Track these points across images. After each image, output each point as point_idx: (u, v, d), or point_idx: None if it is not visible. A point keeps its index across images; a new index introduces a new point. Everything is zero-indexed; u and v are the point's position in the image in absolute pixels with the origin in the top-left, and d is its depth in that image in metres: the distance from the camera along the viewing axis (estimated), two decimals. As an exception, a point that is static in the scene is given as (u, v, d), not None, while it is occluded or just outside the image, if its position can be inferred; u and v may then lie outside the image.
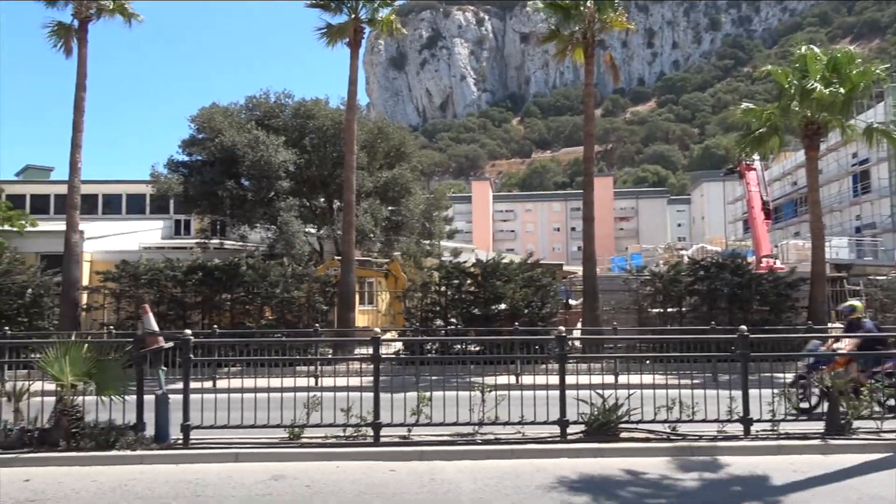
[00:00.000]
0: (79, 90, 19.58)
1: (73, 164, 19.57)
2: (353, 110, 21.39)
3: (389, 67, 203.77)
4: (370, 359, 9.13)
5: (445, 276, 20.20)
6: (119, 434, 8.61)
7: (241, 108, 27.51)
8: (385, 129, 27.88)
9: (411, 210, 26.84)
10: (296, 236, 23.79)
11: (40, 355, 8.78)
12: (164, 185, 26.56)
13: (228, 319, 19.97)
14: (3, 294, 18.90)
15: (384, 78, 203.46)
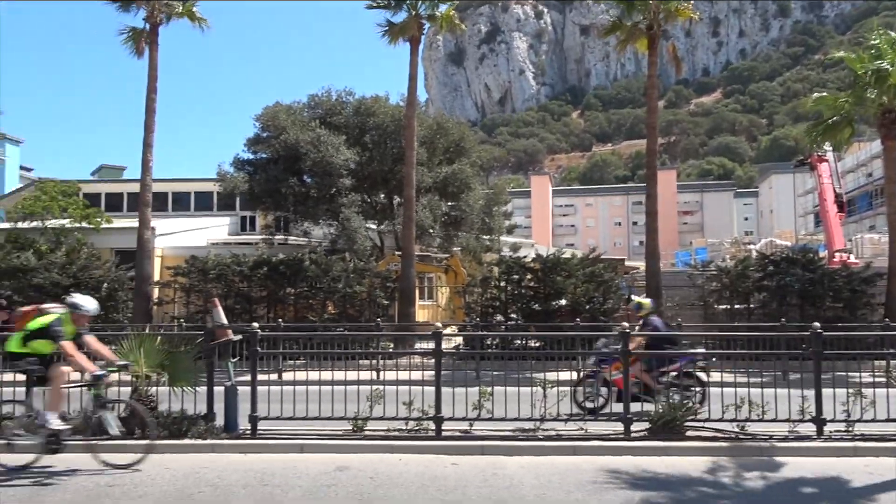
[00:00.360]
0: (150, 92, 20.29)
1: (144, 164, 20.31)
2: (413, 107, 21.52)
3: (448, 63, 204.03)
4: (432, 353, 9.18)
5: (505, 271, 20.16)
6: (191, 424, 8.91)
7: (303, 106, 28.01)
8: (444, 125, 27.95)
9: (470, 205, 26.84)
10: (357, 232, 24.11)
11: (116, 347, 9.15)
12: (231, 182, 27.27)
13: (292, 313, 20.42)
14: (82, 288, 19.76)
15: (443, 73, 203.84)
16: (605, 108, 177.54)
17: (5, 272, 19.71)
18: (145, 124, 20.25)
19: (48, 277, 19.51)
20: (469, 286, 21.07)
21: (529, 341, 17.65)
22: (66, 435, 7.65)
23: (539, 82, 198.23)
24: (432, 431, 8.79)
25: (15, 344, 7.86)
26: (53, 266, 19.95)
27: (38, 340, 7.73)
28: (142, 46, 20.53)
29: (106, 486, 7.07)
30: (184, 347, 9.28)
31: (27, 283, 19.52)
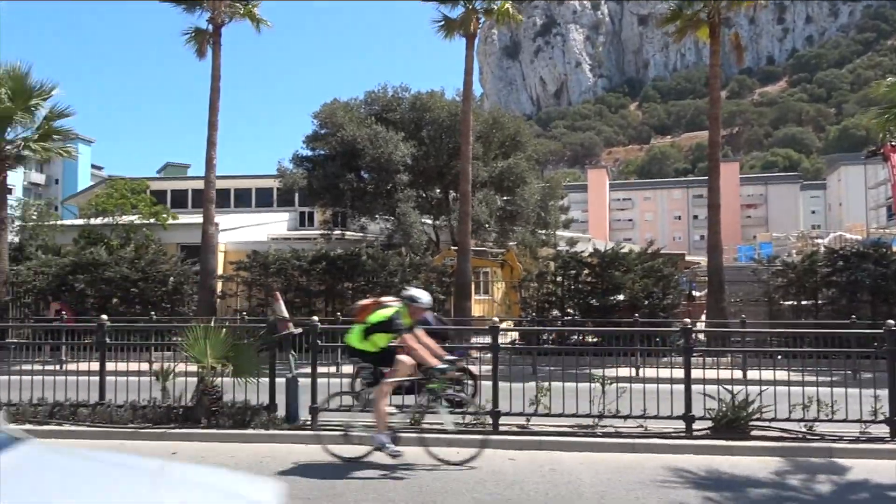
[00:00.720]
0: (213, 91, 20.82)
1: (208, 161, 20.86)
2: (468, 101, 21.51)
3: (503, 56, 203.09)
4: (489, 348, 9.18)
5: (562, 265, 19.98)
6: (253, 414, 9.15)
7: (360, 102, 28.31)
8: (500, 119, 27.85)
9: (526, 200, 26.69)
10: (413, 227, 24.28)
11: (183, 338, 9.46)
12: (290, 179, 27.79)
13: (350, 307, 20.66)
14: (149, 282, 20.51)
15: (498, 67, 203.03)
16: (664, 100, 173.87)
17: (79, 266, 20.56)
18: (209, 123, 20.78)
19: (118, 271, 20.27)
20: (525, 281, 20.96)
21: (586, 337, 17.46)
22: (399, 428, 7.83)
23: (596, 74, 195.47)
24: (489, 426, 8.79)
25: (356, 338, 7.89)
26: (123, 260, 20.70)
27: (378, 334, 7.74)
28: (205, 47, 21.07)
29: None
30: (247, 340, 9.52)
31: (99, 276, 20.31)
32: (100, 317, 10.27)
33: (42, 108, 20.06)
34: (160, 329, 13.33)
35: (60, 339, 14.20)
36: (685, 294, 21.85)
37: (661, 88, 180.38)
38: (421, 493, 6.62)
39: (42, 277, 20.89)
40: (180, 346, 9.50)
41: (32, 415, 9.48)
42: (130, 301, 20.28)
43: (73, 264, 20.68)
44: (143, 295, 20.32)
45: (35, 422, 9.37)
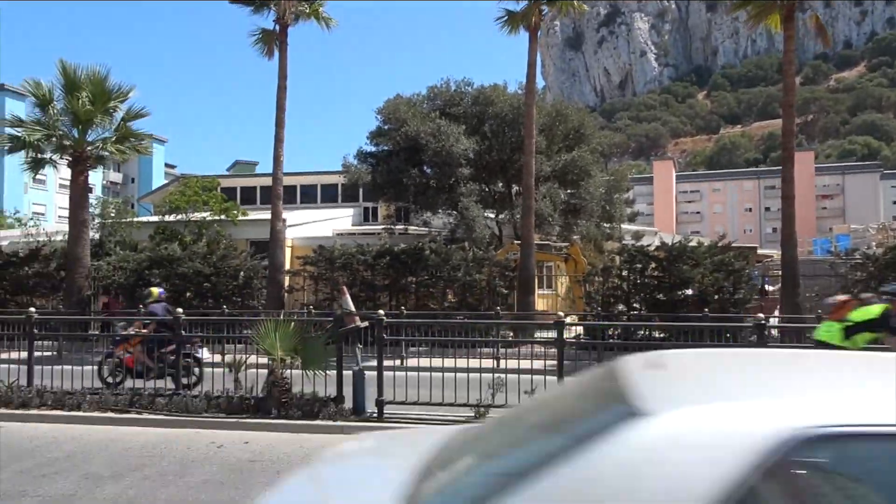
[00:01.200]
0: (280, 90, 21.27)
1: (276, 158, 21.35)
2: (532, 94, 21.34)
3: (566, 48, 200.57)
4: (554, 343, 9.12)
5: (627, 259, 19.63)
6: (321, 405, 9.34)
7: (423, 98, 28.42)
8: (563, 112, 27.51)
9: (591, 193, 26.30)
10: (476, 221, 24.25)
11: (254, 331, 9.73)
12: (354, 174, 28.16)
13: (414, 301, 20.87)
14: (221, 276, 21.17)
15: (560, 59, 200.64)
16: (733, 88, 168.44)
17: (155, 261, 21.39)
18: (276, 121, 21.26)
19: (191, 266, 20.99)
20: (589, 275, 20.68)
21: (653, 332, 17.12)
22: None
23: (661, 63, 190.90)
24: (555, 421, 8.72)
25: (836, 336, 7.58)
26: (196, 256, 21.42)
27: (864, 333, 7.45)
28: (272, 47, 21.56)
29: (247, 461, 7.54)
30: (314, 333, 9.72)
31: (173, 271, 21.09)
32: (176, 310, 10.66)
33: (120, 110, 20.96)
34: (232, 322, 13.75)
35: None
36: (757, 289, 21.16)
37: (730, 76, 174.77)
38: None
39: (121, 272, 21.82)
40: (251, 338, 9.78)
41: (114, 403, 9.93)
42: (203, 295, 20.97)
43: (150, 259, 21.54)
44: (215, 289, 20.98)
45: (116, 409, 9.82)
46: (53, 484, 6.74)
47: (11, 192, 58.81)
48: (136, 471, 7.21)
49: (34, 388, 10.41)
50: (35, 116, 20.85)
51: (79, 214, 20.92)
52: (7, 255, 23.53)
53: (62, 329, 14.28)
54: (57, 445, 8.35)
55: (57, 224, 44.85)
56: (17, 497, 6.33)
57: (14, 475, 7.07)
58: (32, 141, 20.11)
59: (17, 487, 6.63)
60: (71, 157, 20.82)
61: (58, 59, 21.24)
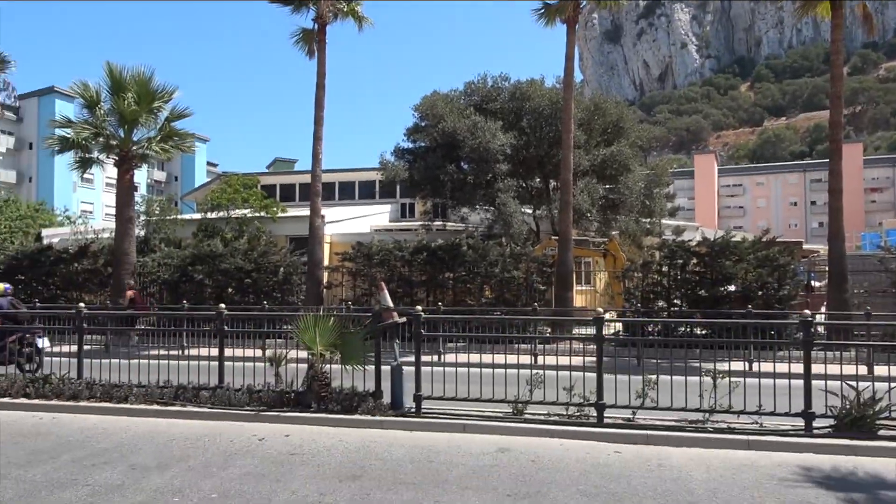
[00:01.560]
0: (318, 88, 21.48)
1: (315, 156, 21.57)
2: (570, 88, 21.15)
3: (604, 41, 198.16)
4: (593, 339, 9.04)
5: (668, 255, 19.35)
6: (360, 400, 9.43)
7: (460, 94, 28.41)
8: (601, 106, 27.24)
9: (630, 188, 25.99)
10: (513, 217, 24.18)
11: (293, 327, 9.86)
12: (392, 171, 28.29)
13: (451, 297, 20.92)
14: (262, 272, 21.50)
15: (598, 52, 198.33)
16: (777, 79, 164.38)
17: (198, 257, 21.82)
18: (315, 118, 21.47)
19: (233, 262, 21.36)
20: (629, 271, 20.46)
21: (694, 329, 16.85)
22: None
23: (703, 55, 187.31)
24: (593, 418, 8.68)
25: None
26: (237, 252, 21.80)
27: None
28: (312, 46, 21.76)
29: (288, 454, 7.66)
30: (353, 329, 9.80)
31: (216, 267, 21.50)
32: (218, 305, 10.85)
33: (164, 110, 21.41)
34: (272, 317, 13.94)
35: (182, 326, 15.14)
36: (803, 285, 20.67)
37: (774, 67, 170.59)
38: (525, 482, 6.62)
39: (165, 268, 22.33)
40: (291, 333, 9.91)
41: (159, 396, 10.17)
42: (244, 291, 21.33)
43: (193, 256, 21.98)
44: (255, 285, 21.32)
45: (161, 402, 10.06)
46: (102, 473, 6.94)
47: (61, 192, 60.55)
48: (181, 462, 7.38)
49: (84, 381, 10.72)
50: (83, 117, 21.43)
51: (125, 212, 21.45)
52: (58, 252, 24.32)
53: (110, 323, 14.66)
54: (105, 436, 8.59)
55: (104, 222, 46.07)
56: (69, 485, 6.54)
57: (66, 464, 7.30)
58: (80, 141, 20.68)
59: (69, 476, 6.85)
60: (117, 156, 21.35)
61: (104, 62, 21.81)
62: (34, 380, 10.83)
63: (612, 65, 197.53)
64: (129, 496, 6.21)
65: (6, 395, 10.67)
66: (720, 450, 7.83)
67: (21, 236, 33.36)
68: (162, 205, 30.34)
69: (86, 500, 6.11)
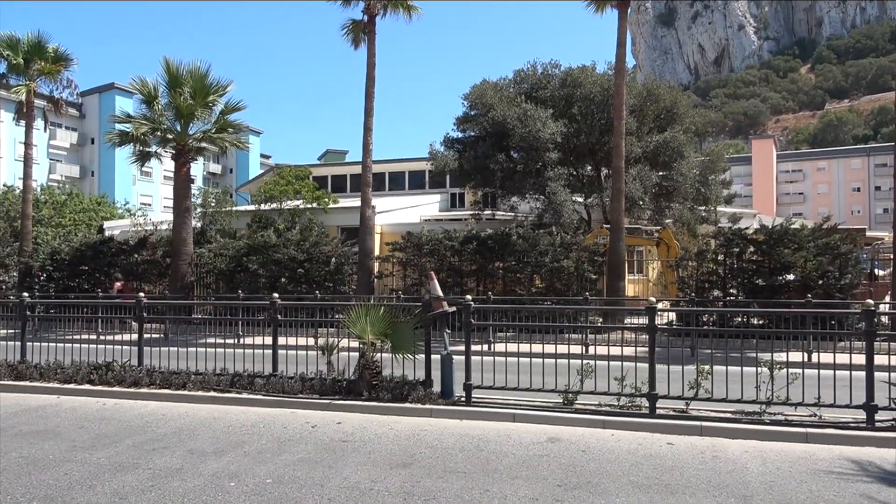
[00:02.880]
0: (368, 79, 21.64)
1: (365, 146, 21.78)
2: (621, 74, 20.80)
3: (657, 25, 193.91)
4: (645, 329, 8.92)
5: (724, 243, 18.94)
6: (410, 389, 9.52)
7: (509, 82, 28.21)
8: (654, 91, 26.68)
9: (684, 174, 25.43)
10: (564, 205, 23.95)
11: (345, 316, 10.00)
12: (441, 161, 28.32)
13: (500, 287, 20.89)
14: (314, 262, 21.84)
15: (651, 37, 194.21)
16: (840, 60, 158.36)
17: (252, 248, 22.29)
18: (365, 109, 21.66)
19: (286, 253, 21.75)
20: (683, 260, 20.09)
21: (751, 319, 16.47)
22: None
23: (761, 37, 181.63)
24: (645, 409, 8.57)
25: None
26: (290, 243, 22.18)
27: None
28: (360, 37, 21.93)
29: (340, 441, 7.79)
30: (403, 318, 9.89)
31: (269, 258, 21.93)
32: (272, 295, 11.08)
33: (218, 103, 21.93)
34: (324, 307, 14.17)
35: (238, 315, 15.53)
36: (866, 273, 19.95)
37: (837, 48, 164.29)
38: (575, 472, 6.59)
39: (221, 259, 22.88)
40: (343, 323, 10.05)
41: (216, 383, 10.46)
42: (297, 280, 21.71)
43: (247, 247, 22.46)
44: (308, 275, 21.68)
45: (218, 389, 10.34)
46: (162, 458, 7.19)
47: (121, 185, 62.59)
48: (237, 448, 7.58)
49: (144, 368, 11.11)
50: (141, 112, 22.10)
51: (182, 204, 22.08)
52: (118, 244, 25.21)
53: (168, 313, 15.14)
54: (165, 422, 8.89)
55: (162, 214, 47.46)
56: (131, 468, 6.79)
57: (128, 448, 7.58)
58: (139, 135, 21.36)
59: (131, 460, 7.11)
60: (174, 149, 21.97)
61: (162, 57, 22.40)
62: (97, 367, 11.26)
63: (665, 49, 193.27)
64: (187, 480, 6.42)
65: (72, 382, 11.14)
66: (777, 442, 7.65)
67: (84, 228, 34.69)
68: (217, 197, 31.06)
69: (146, 483, 6.33)
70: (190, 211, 22.99)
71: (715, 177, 28.60)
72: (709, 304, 18.22)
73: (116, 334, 13.52)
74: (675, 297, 19.55)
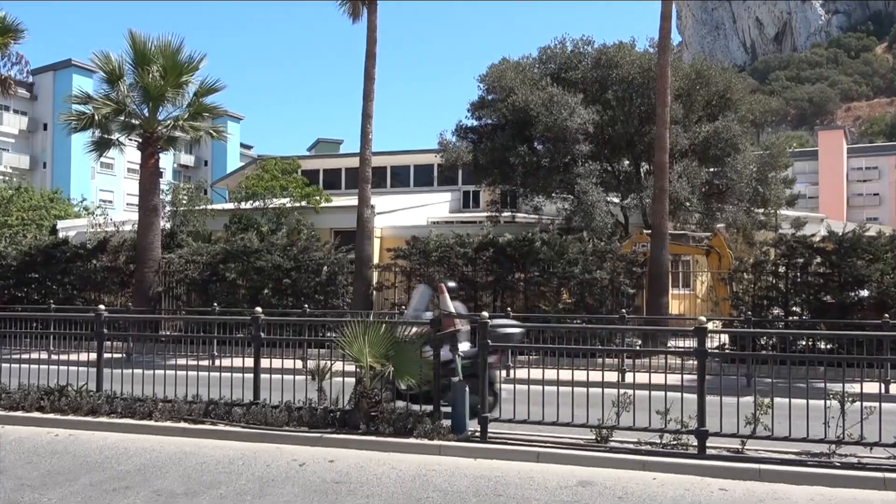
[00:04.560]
0: (368, 57, 21.69)
1: (364, 135, 21.82)
2: (666, 52, 20.80)
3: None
4: (693, 353, 8.90)
5: (785, 253, 18.91)
6: (416, 421, 9.51)
7: (533, 61, 28.28)
8: (704, 73, 26.68)
9: (738, 171, 25.41)
10: (596, 207, 23.95)
11: (339, 335, 10.00)
12: (453, 153, 28.37)
13: (522, 302, 20.87)
14: (302, 271, 21.89)
15: (700, 10, 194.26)
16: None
17: (230, 254, 22.37)
18: (364, 93, 21.71)
19: (270, 260, 21.82)
20: (737, 272, 20.05)
21: (818, 342, 16.39)
22: None
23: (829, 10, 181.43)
24: (693, 448, 8.54)
25: None
26: (275, 248, 22.25)
27: None
28: (359, 8, 22.00)
29: (333, 483, 7.79)
30: (408, 337, 9.88)
31: (250, 265, 21.99)
32: (254, 309, 11.12)
33: (191, 83, 22.07)
34: (315, 324, 14.20)
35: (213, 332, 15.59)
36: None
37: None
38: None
39: (193, 266, 22.99)
40: (336, 343, 10.06)
41: (187, 412, 10.49)
42: (283, 292, 21.77)
43: (225, 252, 22.55)
44: (295, 286, 21.73)
45: (190, 419, 10.37)
46: (124, 499, 7.21)
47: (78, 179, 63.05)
48: (212, 489, 7.59)
49: (103, 394, 11.15)
50: (103, 93, 22.28)
51: (149, 201, 22.19)
52: (74, 248, 25.33)
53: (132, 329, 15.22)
54: (127, 457, 8.92)
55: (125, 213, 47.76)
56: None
57: (85, 488, 7.61)
58: (100, 119, 21.51)
59: (87, 502, 7.13)
60: (140, 137, 22.11)
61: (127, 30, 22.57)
62: (49, 391, 11.30)
63: (717, 24, 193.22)
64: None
65: (19, 409, 11.18)
66: (849, 489, 7.62)
67: (34, 229, 34.89)
68: (190, 193, 31.25)
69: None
70: (158, 210, 23.11)
71: (775, 174, 28.53)
72: (768, 324, 18.17)
73: (72, 353, 13.57)
74: (728, 316, 19.50)
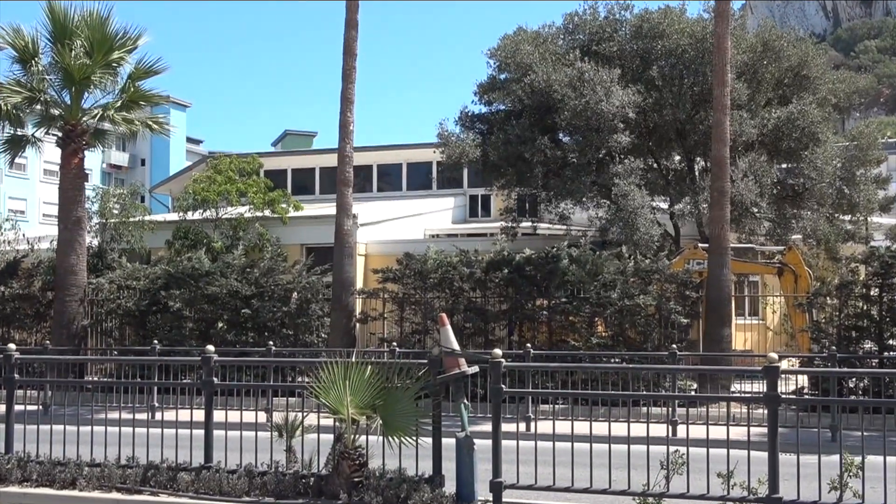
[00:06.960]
0: (349, 27, 21.64)
1: (343, 126, 21.76)
2: (724, 18, 20.88)
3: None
4: (762, 399, 8.91)
5: (879, 271, 18.94)
6: (411, 489, 9.48)
7: (557, 31, 28.39)
8: (773, 44, 26.80)
9: (819, 168, 25.48)
10: (639, 214, 23.97)
11: (313, 379, 10.00)
12: (457, 148, 28.18)
13: (545, 335, 20.88)
14: (266, 299, 21.90)
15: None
16: None
17: (174, 278, 22.40)
18: (343, 73, 21.71)
19: (225, 285, 21.83)
20: (818, 295, 20.08)
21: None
22: None
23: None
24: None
25: None
26: (231, 270, 22.29)
27: None
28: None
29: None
30: (401, 382, 9.88)
31: (200, 292, 21.99)
32: (205, 347, 11.12)
33: (126, 63, 22.18)
34: (282, 365, 14.24)
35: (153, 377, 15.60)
36: None
37: None
38: None
39: (128, 293, 23.01)
40: (310, 389, 10.06)
41: (121, 479, 10.47)
42: (241, 326, 21.79)
43: (167, 275, 22.61)
44: (257, 317, 21.74)
45: (124, 489, 10.35)
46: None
47: (-19, 183, 63.28)
48: (153, 576, 7.58)
49: (14, 456, 11.10)
50: (13, 75, 22.35)
51: (71, 212, 22.24)
52: (-23, 271, 25.34)
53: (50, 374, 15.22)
54: (46, 537, 8.90)
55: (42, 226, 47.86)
56: None
57: (-10, 576, 7.60)
58: (10, 109, 21.57)
59: None
60: (61, 130, 22.16)
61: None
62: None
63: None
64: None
65: None
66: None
67: (-73, 248, 34.93)
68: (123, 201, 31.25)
69: None
70: (83, 222, 23.16)
71: (865, 172, 28.59)
72: (857, 362, 18.17)
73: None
74: (807, 352, 19.51)
